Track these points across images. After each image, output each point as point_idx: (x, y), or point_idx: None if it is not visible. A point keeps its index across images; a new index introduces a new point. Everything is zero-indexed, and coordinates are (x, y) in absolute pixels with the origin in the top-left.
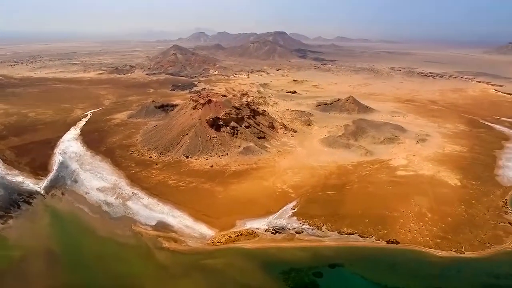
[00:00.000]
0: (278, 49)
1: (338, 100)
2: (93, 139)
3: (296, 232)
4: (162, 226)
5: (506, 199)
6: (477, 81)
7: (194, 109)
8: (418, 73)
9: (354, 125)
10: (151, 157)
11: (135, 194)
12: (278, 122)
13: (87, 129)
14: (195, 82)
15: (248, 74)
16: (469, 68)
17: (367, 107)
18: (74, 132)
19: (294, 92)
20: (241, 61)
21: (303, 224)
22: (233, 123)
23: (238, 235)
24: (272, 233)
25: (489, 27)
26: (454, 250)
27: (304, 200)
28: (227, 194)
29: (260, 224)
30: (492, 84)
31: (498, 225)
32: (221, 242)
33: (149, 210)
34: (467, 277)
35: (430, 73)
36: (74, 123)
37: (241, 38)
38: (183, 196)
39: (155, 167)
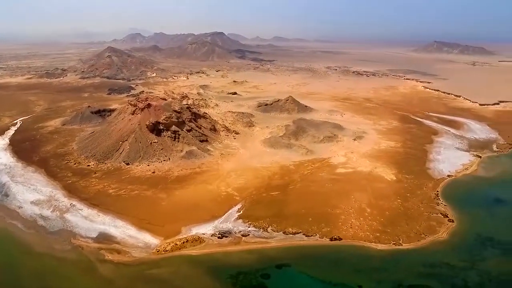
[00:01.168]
0: (217, 50)
1: (278, 101)
2: (24, 149)
3: (243, 235)
4: (104, 238)
5: (437, 191)
6: (407, 79)
7: (133, 113)
8: (353, 72)
9: (295, 125)
10: (89, 165)
11: (73, 205)
12: (220, 124)
13: (17, 138)
14: (133, 85)
15: (187, 76)
16: (400, 66)
17: (306, 106)
18: (1, 142)
19: (235, 93)
20: (180, 63)
21: (249, 227)
22: (174, 127)
23: (184, 242)
24: (218, 237)
25: (417, 26)
26: (393, 242)
27: (249, 202)
28: (171, 200)
29: (206, 229)
30: (421, 81)
31: (431, 216)
32: (166, 251)
33: (89, 221)
34: (405, 268)
35: (364, 71)
36: (1, 132)
37: (179, 39)
38: (125, 205)
39: (94, 176)
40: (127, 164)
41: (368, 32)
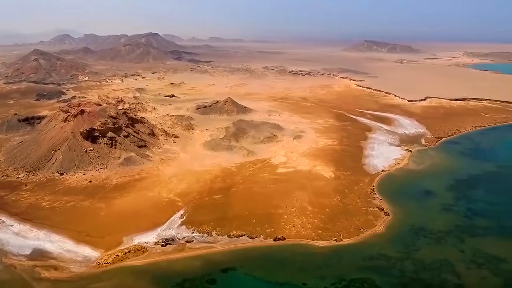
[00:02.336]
0: (152, 51)
1: (217, 102)
2: None
3: (187, 241)
4: (39, 254)
5: (373, 186)
6: (341, 77)
7: (65, 121)
8: (289, 72)
9: (235, 126)
10: (18, 177)
11: (3, 221)
12: (159, 128)
13: None
14: (64, 90)
15: (122, 79)
16: (334, 65)
17: (245, 107)
18: None
19: (172, 95)
20: (114, 65)
21: (193, 232)
22: (110, 134)
23: (126, 253)
24: (162, 245)
25: (348, 26)
26: (334, 239)
27: (192, 207)
28: (110, 210)
29: (148, 238)
30: (354, 80)
31: (368, 211)
32: (108, 263)
33: (21, 238)
34: (346, 262)
35: (300, 71)
36: None
37: (111, 41)
38: (60, 218)
39: (25, 188)
40: (61, 174)
41: (301, 32)
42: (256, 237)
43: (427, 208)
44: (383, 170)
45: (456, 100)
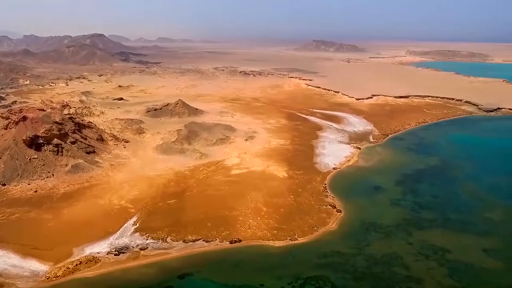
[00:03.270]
0: (98, 53)
1: (167, 105)
2: None
3: (141, 249)
4: None
5: (325, 184)
6: (291, 77)
7: (6, 128)
8: (240, 72)
9: (186, 129)
10: None
11: None
12: (108, 133)
13: None
14: (3, 95)
15: (67, 82)
16: (284, 65)
17: (197, 109)
18: None
19: (121, 99)
20: (57, 68)
21: (147, 239)
22: (56, 140)
23: (77, 265)
24: (115, 254)
25: (297, 26)
26: (289, 238)
27: (145, 213)
28: (58, 220)
29: (100, 248)
30: (303, 79)
31: (321, 209)
32: (58, 276)
33: None
34: (301, 261)
35: (251, 71)
36: None
37: (54, 42)
38: (4, 231)
39: None
40: (3, 185)
41: (251, 32)
42: (212, 241)
43: (376, 203)
44: (334, 168)
45: (401, 97)
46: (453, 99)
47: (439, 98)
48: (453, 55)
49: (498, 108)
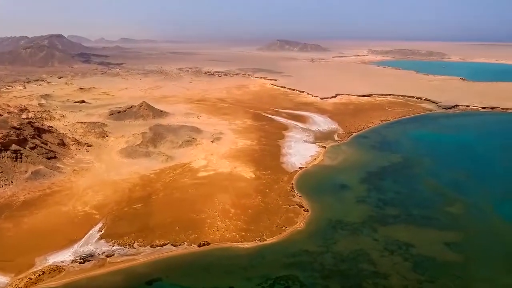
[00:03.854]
0: (57, 54)
1: (131, 107)
2: None
3: (107, 256)
4: None
5: (292, 184)
6: (256, 77)
7: None
8: (205, 73)
9: (151, 131)
10: None
11: None
12: (69, 137)
13: None
14: None
15: (25, 85)
16: (248, 65)
17: (162, 111)
18: None
19: (83, 101)
20: (13, 70)
21: (113, 246)
22: (14, 146)
23: (39, 275)
24: (80, 263)
25: (261, 25)
26: (258, 239)
27: (110, 219)
28: (19, 229)
29: (64, 256)
30: (268, 79)
31: (289, 208)
32: None
33: None
34: (270, 261)
35: (216, 71)
36: None
37: (9, 43)
38: None
39: None
40: None
41: (213, 32)
42: (180, 245)
43: (342, 201)
44: (300, 168)
45: (364, 96)
46: (413, 97)
47: (400, 96)
48: (412, 54)
49: (456, 105)
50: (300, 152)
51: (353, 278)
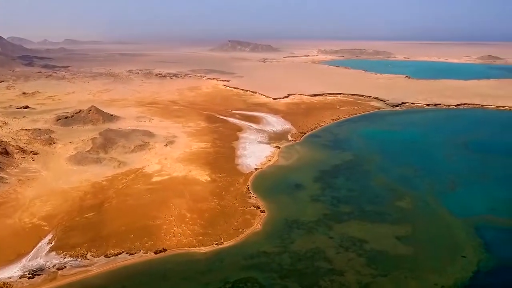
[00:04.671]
0: None
1: (79, 112)
2: None
3: (58, 269)
4: None
5: (248, 185)
6: (208, 78)
7: None
8: (156, 74)
9: (102, 137)
10: None
11: None
12: (13, 145)
13: None
14: None
15: None
16: (200, 66)
17: (112, 115)
18: None
19: (27, 107)
20: None
21: (64, 258)
22: None
23: None
24: (29, 278)
25: (211, 26)
26: (215, 243)
27: (61, 230)
28: None
29: (11, 272)
30: (221, 80)
31: (246, 210)
32: None
33: None
34: (229, 265)
35: (167, 73)
36: None
37: None
38: None
39: None
40: None
41: (165, 33)
42: (135, 253)
43: (298, 200)
44: (256, 169)
45: (315, 95)
46: (362, 95)
47: (350, 95)
48: (360, 53)
49: (402, 103)
50: (255, 153)
51: (310, 276)
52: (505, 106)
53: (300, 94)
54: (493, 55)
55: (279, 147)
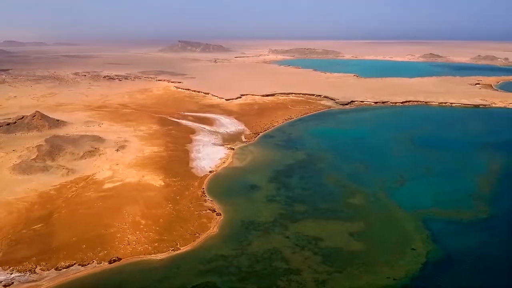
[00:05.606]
0: None
1: (23, 118)
2: None
3: (5, 286)
4: None
5: (203, 188)
6: (159, 80)
7: None
8: (104, 77)
9: (48, 143)
10: None
11: None
12: None
13: None
14: None
15: None
16: (151, 67)
17: (59, 120)
18: None
19: None
20: None
21: (11, 273)
22: None
23: None
24: None
25: (160, 26)
26: (171, 249)
27: (6, 244)
28: None
29: None
30: (172, 82)
31: (201, 214)
32: None
33: None
34: (186, 271)
35: (116, 75)
36: None
37: None
38: None
39: None
40: None
41: (112, 33)
42: (88, 264)
43: (253, 202)
44: (210, 171)
45: (267, 95)
46: (313, 94)
47: (301, 95)
48: (310, 53)
49: (352, 101)
50: (209, 156)
51: (268, 277)
52: (446, 102)
53: (253, 95)
54: (434, 53)
55: (233, 149)
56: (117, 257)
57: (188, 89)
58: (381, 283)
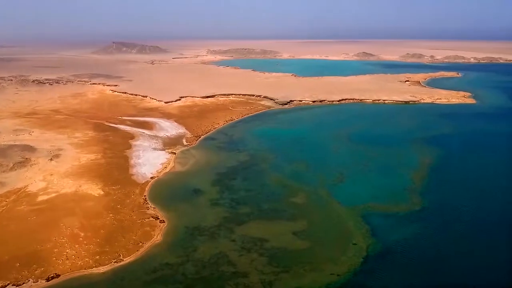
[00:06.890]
0: None
1: None
2: None
3: None
4: None
5: (145, 195)
6: (94, 83)
7: None
8: (33, 81)
9: None
10: None
11: None
12: None
13: None
14: None
15: None
16: (84, 70)
17: None
18: None
19: None
20: None
21: None
22: None
23: None
24: None
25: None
26: (114, 260)
27: None
28: None
29: None
30: (107, 85)
31: (144, 222)
32: None
33: None
34: (130, 282)
35: (46, 79)
36: None
37: None
38: None
39: None
40: None
41: (39, 33)
42: (23, 283)
43: (197, 206)
44: (152, 178)
45: (207, 97)
46: (253, 95)
47: (241, 95)
48: (248, 53)
49: (291, 101)
50: (150, 161)
51: (215, 282)
52: (379, 100)
53: (192, 97)
54: (367, 52)
55: (174, 153)
56: (56, 273)
57: (125, 92)
58: (326, 280)
